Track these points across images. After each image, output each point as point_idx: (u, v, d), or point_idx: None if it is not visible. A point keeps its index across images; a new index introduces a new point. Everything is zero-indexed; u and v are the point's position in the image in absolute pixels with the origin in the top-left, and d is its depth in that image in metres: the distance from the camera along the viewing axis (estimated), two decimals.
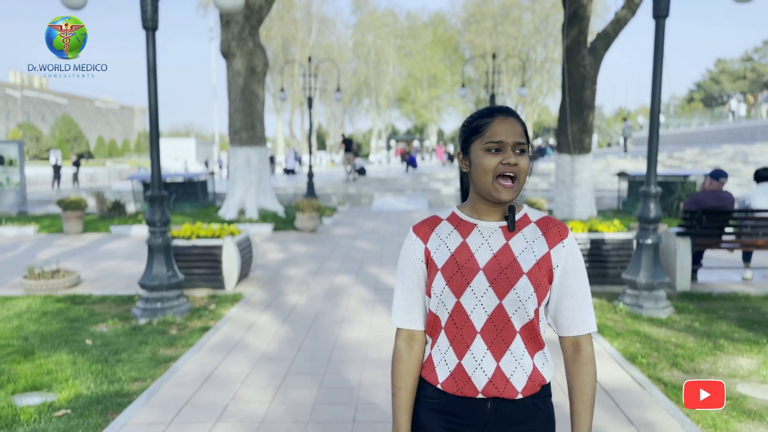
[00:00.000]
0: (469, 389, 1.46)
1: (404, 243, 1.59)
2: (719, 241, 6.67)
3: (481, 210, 1.52)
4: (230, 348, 4.85)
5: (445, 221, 1.56)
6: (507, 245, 1.47)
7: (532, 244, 1.48)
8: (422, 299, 1.55)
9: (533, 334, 1.48)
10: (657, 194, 5.69)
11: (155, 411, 3.68)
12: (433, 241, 1.53)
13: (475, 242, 1.49)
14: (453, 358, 1.48)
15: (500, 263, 1.46)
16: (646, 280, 5.67)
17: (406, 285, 1.56)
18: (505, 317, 1.45)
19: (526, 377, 1.47)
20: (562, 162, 12.60)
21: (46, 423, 3.57)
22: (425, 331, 1.56)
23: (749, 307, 5.98)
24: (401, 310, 1.56)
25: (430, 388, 1.52)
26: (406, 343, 1.56)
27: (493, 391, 1.45)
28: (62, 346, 4.94)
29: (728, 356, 4.60)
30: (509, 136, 1.45)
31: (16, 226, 12.04)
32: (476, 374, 1.46)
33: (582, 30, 11.63)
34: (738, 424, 3.48)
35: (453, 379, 1.48)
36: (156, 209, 5.85)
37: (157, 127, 5.92)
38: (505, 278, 1.44)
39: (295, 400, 3.83)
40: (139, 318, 5.68)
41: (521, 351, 1.47)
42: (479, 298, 1.45)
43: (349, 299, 6.45)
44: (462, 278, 1.46)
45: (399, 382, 1.54)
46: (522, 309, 1.44)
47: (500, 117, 1.48)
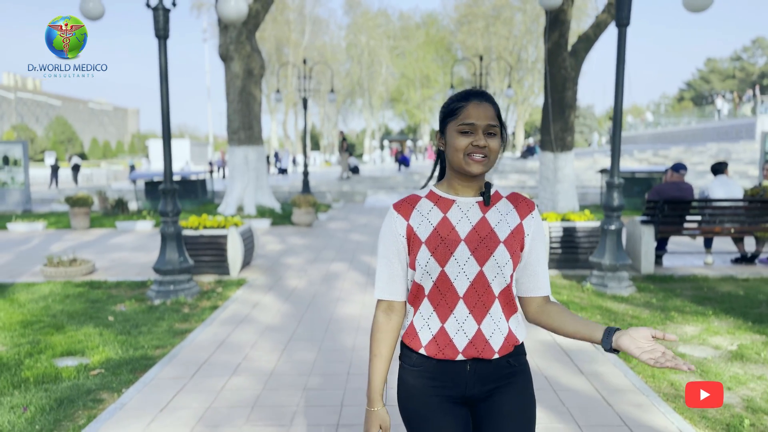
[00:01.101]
0: (450, 351, 1.59)
1: (385, 220, 1.68)
2: (680, 228, 7.34)
3: (458, 187, 1.64)
4: (239, 321, 5.47)
5: (425, 198, 1.66)
6: (484, 218, 1.61)
7: (506, 216, 1.63)
8: (402, 272, 1.66)
9: (509, 298, 1.63)
10: (620, 185, 6.35)
11: (178, 368, 4.29)
12: (414, 218, 1.63)
13: (455, 216, 1.61)
14: (436, 323, 1.60)
15: (479, 234, 1.59)
16: (610, 262, 6.32)
17: (388, 259, 1.66)
18: (485, 283, 1.58)
19: (502, 338, 1.61)
20: (545, 159, 13.24)
21: (84, 379, 4.17)
22: (405, 302, 1.69)
23: (705, 287, 6.64)
24: (383, 283, 1.67)
25: (414, 356, 1.64)
26: (385, 314, 1.67)
27: (473, 352, 1.59)
28: (87, 322, 5.54)
29: (676, 325, 5.25)
30: (481, 119, 1.56)
31: (26, 223, 12.59)
32: (458, 336, 1.59)
33: (563, 34, 12.28)
34: (673, 375, 4.13)
35: (435, 342, 1.60)
36: (168, 201, 6.45)
37: (169, 128, 6.51)
38: (485, 247, 1.58)
39: (297, 359, 4.45)
40: (154, 299, 6.28)
41: (499, 314, 1.61)
42: (462, 266, 1.57)
43: (343, 282, 7.08)
44: (446, 249, 1.58)
45: (376, 350, 1.67)
46: (500, 275, 1.58)
47: (474, 101, 1.58)
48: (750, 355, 4.49)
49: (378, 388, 1.66)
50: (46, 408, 3.68)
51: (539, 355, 4.46)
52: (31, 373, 4.25)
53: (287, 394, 3.81)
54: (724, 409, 3.59)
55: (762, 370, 4.21)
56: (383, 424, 1.65)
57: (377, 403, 1.66)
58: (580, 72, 12.90)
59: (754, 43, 73.88)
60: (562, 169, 12.98)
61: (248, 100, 14.13)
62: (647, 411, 3.54)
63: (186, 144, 64.15)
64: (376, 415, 1.65)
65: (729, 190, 7.60)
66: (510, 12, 44.78)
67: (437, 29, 52.75)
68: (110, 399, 3.84)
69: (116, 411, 3.61)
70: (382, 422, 1.65)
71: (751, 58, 75.09)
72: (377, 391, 1.66)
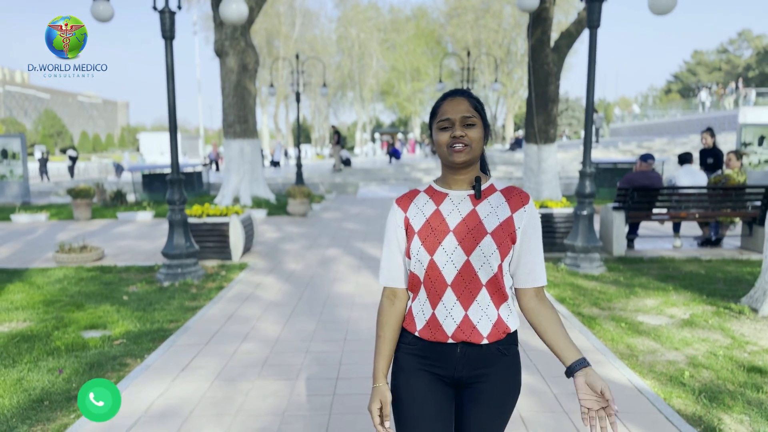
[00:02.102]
0: (440, 335, 1.69)
1: (389, 213, 1.82)
2: (649, 213, 7.93)
3: (451, 181, 1.74)
4: (244, 299, 6.00)
5: (423, 193, 1.79)
6: (474, 210, 1.69)
7: (497, 209, 1.70)
8: (403, 261, 1.78)
9: (498, 287, 1.69)
10: (591, 174, 6.91)
11: (193, 337, 4.82)
12: (411, 210, 1.76)
13: (446, 209, 1.72)
14: (428, 309, 1.71)
15: (468, 225, 1.68)
16: (582, 244, 6.90)
17: (390, 249, 1.79)
18: (472, 271, 1.66)
19: (491, 324, 1.69)
20: (529, 151, 13.82)
21: (109, 348, 4.69)
22: (407, 289, 1.80)
23: (670, 267, 7.24)
24: (386, 271, 1.80)
25: (410, 336, 1.76)
26: (389, 300, 1.80)
27: (461, 335, 1.68)
28: (104, 301, 6.05)
29: (638, 299, 5.84)
30: (455, 113, 1.66)
31: (29, 214, 13.01)
32: (446, 321, 1.68)
33: (545, 30, 12.84)
34: (630, 339, 4.71)
35: (428, 326, 1.71)
36: (175, 190, 6.95)
37: (175, 123, 7.00)
38: (472, 238, 1.66)
39: (299, 329, 5.00)
40: (163, 281, 6.79)
41: (487, 302, 1.68)
42: (449, 255, 1.67)
43: (338, 266, 7.62)
44: (434, 239, 1.68)
45: (380, 332, 1.79)
46: (487, 264, 1.66)
47: (449, 98, 1.69)
48: (699, 322, 5.08)
49: (381, 367, 1.78)
50: (78, 370, 4.20)
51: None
52: (61, 342, 4.77)
53: (292, 356, 4.36)
54: (670, 365, 4.18)
55: (707, 334, 4.80)
56: (383, 400, 1.76)
57: (380, 380, 1.77)
58: (562, 67, 13.48)
59: (740, 35, 74.71)
60: (545, 160, 13.56)
61: (243, 94, 14.58)
62: (603, 366, 4.12)
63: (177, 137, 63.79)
64: (378, 391, 1.77)
65: (694, 178, 8.20)
66: (499, 5, 45.19)
67: (427, 22, 53.06)
68: (134, 363, 4.37)
69: (142, 371, 4.14)
70: (383, 397, 1.76)
71: (737, 51, 75.88)
72: (380, 369, 1.78)
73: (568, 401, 3.57)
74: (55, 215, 13.47)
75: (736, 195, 7.83)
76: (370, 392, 2.06)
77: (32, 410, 3.60)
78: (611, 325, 5.03)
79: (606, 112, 73.12)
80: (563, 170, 21.67)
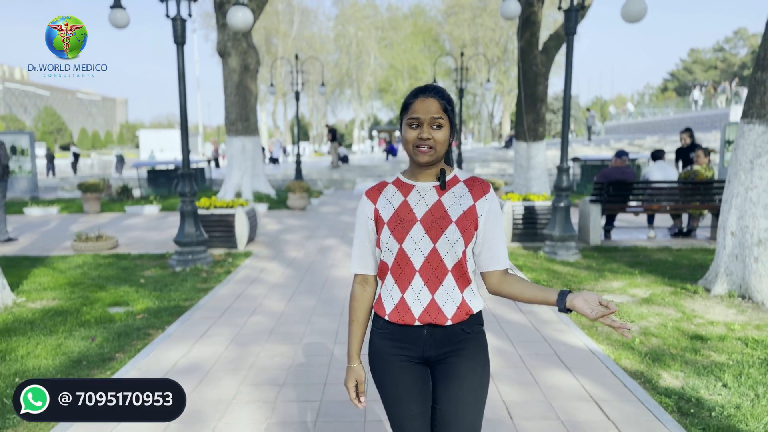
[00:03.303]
0: (408, 318, 1.80)
1: (358, 205, 1.91)
2: (624, 206, 8.56)
3: (417, 173, 1.84)
4: (251, 281, 6.62)
5: (391, 184, 1.88)
6: (439, 201, 1.79)
7: (460, 198, 1.80)
8: (372, 250, 1.89)
9: (462, 272, 1.80)
10: (567, 169, 7.54)
11: (207, 312, 5.44)
12: (380, 202, 1.85)
13: (413, 199, 1.81)
14: (397, 293, 1.81)
15: (433, 215, 1.78)
16: (559, 233, 7.53)
17: (360, 238, 1.89)
18: (438, 258, 1.77)
19: (455, 307, 1.79)
20: (519, 149, 14.45)
21: (132, 321, 5.30)
22: (376, 276, 1.92)
23: (641, 255, 7.87)
24: (357, 259, 1.91)
25: (380, 321, 1.87)
26: (360, 286, 1.93)
27: (428, 318, 1.79)
28: (123, 283, 6.66)
29: (606, 281, 6.48)
30: (425, 114, 1.72)
31: (41, 208, 13.61)
32: (414, 305, 1.79)
33: (534, 33, 13.45)
34: None
35: (396, 310, 1.81)
36: (186, 183, 7.56)
37: (186, 123, 7.59)
38: (438, 226, 1.76)
39: (301, 305, 5.62)
40: (175, 266, 7.40)
41: (452, 286, 1.79)
42: (417, 243, 1.77)
43: (335, 254, 8.24)
44: (403, 228, 1.78)
45: (353, 316, 1.93)
46: (452, 251, 1.77)
47: (421, 97, 1.74)
48: (657, 300, 5.71)
49: (355, 348, 1.93)
50: (108, 338, 4.81)
51: (489, 300, 5.65)
52: (90, 316, 5.38)
53: (295, 326, 4.99)
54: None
55: (662, 310, 5.44)
56: (359, 378, 1.93)
57: (354, 360, 1.93)
58: (551, 68, 14.10)
59: (736, 33, 75.22)
60: (534, 157, 14.18)
61: (245, 93, 15.17)
62: (565, 333, 4.75)
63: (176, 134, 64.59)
64: (353, 371, 1.93)
65: (666, 173, 8.84)
66: (496, 3, 45.60)
67: (425, 20, 53.45)
68: (156, 333, 4.98)
69: (164, 339, 4.76)
70: (358, 376, 1.93)
71: (733, 49, 76.34)
72: (354, 350, 1.93)
73: (530, 359, 4.20)
74: (65, 209, 14.06)
75: (704, 189, 8.46)
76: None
77: (73, 368, 4.22)
78: None
79: (602, 110, 73.74)
80: (554, 167, 22.26)
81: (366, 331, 1.94)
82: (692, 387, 3.76)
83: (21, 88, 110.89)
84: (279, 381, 3.86)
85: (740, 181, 5.64)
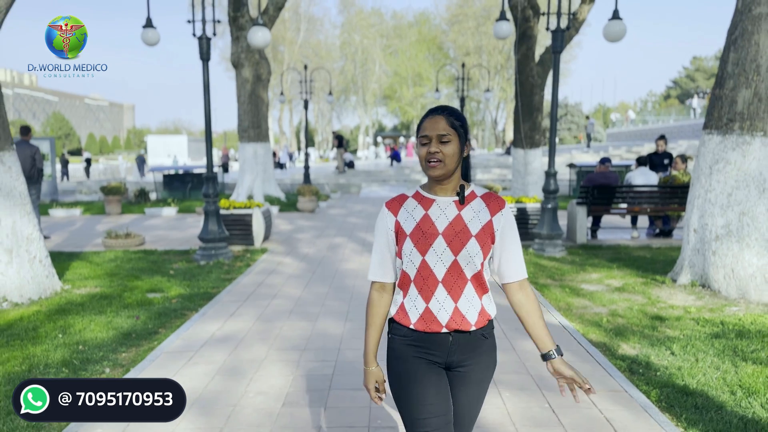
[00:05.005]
0: (435, 326, 1.88)
1: (378, 216, 1.98)
2: (608, 208, 9.34)
3: (436, 188, 1.91)
4: (269, 273, 7.43)
5: (411, 198, 1.95)
6: (459, 215, 1.87)
7: (478, 213, 1.89)
8: (391, 259, 1.96)
9: (480, 281, 1.90)
10: (555, 173, 8.32)
11: (234, 297, 6.25)
12: (402, 214, 1.92)
13: (434, 213, 1.88)
14: (422, 304, 1.88)
15: (454, 229, 1.86)
16: (547, 232, 8.32)
17: (380, 248, 1.97)
18: (459, 269, 1.86)
19: (477, 313, 1.89)
20: (517, 155, 15.26)
21: (168, 304, 6.10)
22: (394, 284, 1.99)
23: (622, 252, 8.64)
24: (375, 267, 1.99)
25: (404, 329, 1.93)
26: (378, 293, 2.00)
27: (454, 324, 1.87)
28: (155, 274, 7.47)
29: (586, 273, 7.26)
30: (433, 131, 1.83)
31: (64, 209, 14.47)
32: (440, 313, 1.87)
33: (530, 47, 14.28)
34: (570, 299, 6.12)
35: (422, 319, 1.88)
36: (210, 185, 8.38)
37: (210, 131, 8.41)
38: (459, 240, 1.84)
39: (316, 292, 6.43)
40: (200, 260, 8.21)
41: (472, 294, 1.89)
42: (439, 256, 1.85)
43: (344, 250, 9.05)
44: (426, 241, 1.85)
45: (370, 320, 2.00)
46: (471, 263, 1.86)
47: (430, 117, 1.86)
48: (628, 288, 6.49)
49: (373, 351, 1.99)
50: (151, 317, 5.61)
51: None
52: (131, 300, 6.19)
53: (311, 307, 5.80)
54: (595, 315, 5.58)
55: (631, 296, 6.21)
56: (378, 380, 2.01)
57: (372, 363, 2.00)
58: (546, 79, 14.92)
59: None
60: (531, 163, 14.99)
61: (257, 102, 16.05)
62: (544, 314, 5.52)
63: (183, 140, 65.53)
64: (372, 374, 2.00)
65: (647, 178, 9.62)
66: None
67: (429, 28, 54.22)
68: (191, 313, 5.78)
69: (200, 317, 5.56)
70: (378, 378, 2.01)
71: None
72: (372, 353, 1.99)
73: (510, 332, 4.98)
74: (88, 210, 14.92)
75: (681, 192, 9.21)
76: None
77: (124, 339, 5.02)
78: (558, 290, 6.45)
79: (604, 117, 74.46)
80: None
81: (381, 336, 2.02)
82: (645, 354, 4.54)
83: (30, 93, 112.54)
84: (301, 347, 4.66)
85: (701, 185, 6.42)
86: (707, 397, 3.74)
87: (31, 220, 6.31)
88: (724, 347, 4.60)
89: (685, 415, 3.50)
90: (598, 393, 3.77)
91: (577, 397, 1.91)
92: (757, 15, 6.04)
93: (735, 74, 6.19)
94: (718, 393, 3.80)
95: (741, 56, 6.15)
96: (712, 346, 4.64)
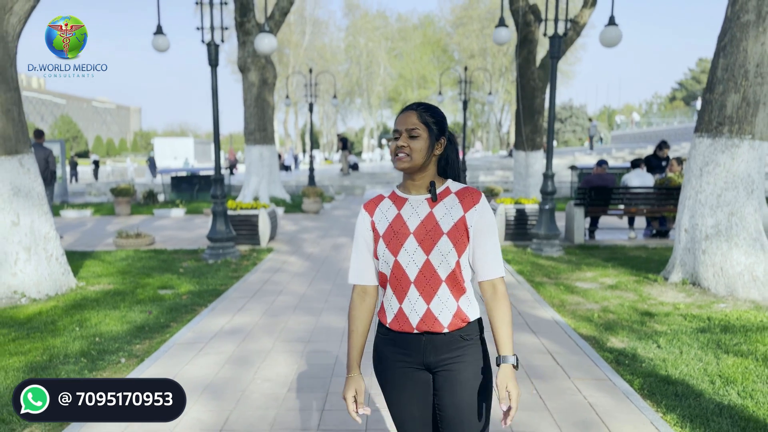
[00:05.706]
0: (407, 326, 1.87)
1: (357, 218, 1.97)
2: (605, 209, 9.57)
3: (410, 186, 1.90)
4: (275, 271, 7.70)
5: (387, 198, 1.95)
6: (431, 213, 1.85)
7: (451, 210, 1.85)
8: (371, 261, 1.94)
9: (456, 282, 1.85)
10: (552, 175, 8.56)
11: (241, 293, 6.52)
12: (377, 215, 1.92)
13: (407, 213, 1.87)
14: (396, 304, 1.89)
15: (426, 227, 1.84)
16: (545, 232, 8.56)
17: (359, 250, 1.95)
18: (432, 269, 1.83)
19: (451, 315, 1.85)
20: (518, 157, 15.50)
21: (179, 300, 6.38)
22: (377, 286, 1.96)
23: (618, 252, 8.87)
24: (355, 270, 1.97)
25: (383, 327, 1.95)
26: (359, 296, 1.97)
27: (424, 326, 1.85)
28: (166, 272, 7.75)
29: (581, 272, 7.49)
30: (402, 125, 1.84)
31: (75, 210, 14.81)
32: (411, 315, 1.86)
33: (531, 51, 14.53)
34: (564, 296, 6.36)
35: (396, 319, 1.89)
36: (218, 187, 8.66)
37: (218, 134, 8.70)
38: (430, 239, 1.82)
39: (320, 288, 6.69)
40: (208, 259, 8.49)
41: (447, 296, 1.85)
42: (411, 256, 1.83)
43: (348, 250, 9.31)
44: (397, 241, 1.84)
45: (352, 326, 1.97)
46: (445, 262, 1.82)
47: (403, 112, 1.87)
48: (621, 286, 6.72)
49: (355, 358, 1.95)
50: (162, 312, 5.89)
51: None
52: (143, 296, 6.47)
53: (316, 303, 6.06)
54: (587, 311, 5.82)
55: (623, 293, 6.44)
56: (358, 389, 1.94)
57: (354, 371, 1.95)
58: (548, 82, 15.15)
59: None
60: (532, 165, 15.22)
61: (263, 105, 16.34)
62: (537, 309, 5.78)
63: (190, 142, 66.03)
64: (352, 381, 1.95)
65: (643, 180, 9.84)
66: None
67: (434, 31, 54.41)
68: (201, 308, 6.05)
69: (209, 311, 5.83)
70: (357, 386, 1.94)
71: None
72: (354, 360, 1.95)
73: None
74: (98, 211, 15.25)
75: (677, 194, 9.43)
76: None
77: (138, 332, 5.29)
78: (553, 288, 6.69)
79: (609, 119, 74.55)
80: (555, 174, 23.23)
81: (366, 341, 1.99)
82: (632, 347, 4.78)
83: (38, 96, 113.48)
84: (305, 339, 4.92)
85: (692, 186, 6.65)
86: (687, 386, 3.98)
87: (48, 220, 6.60)
88: (709, 341, 4.84)
89: (665, 402, 3.74)
90: (583, 380, 4.03)
91: (505, 421, 1.79)
92: (745, 22, 6.27)
93: (724, 79, 6.42)
94: (698, 382, 4.04)
95: (730, 62, 6.38)
96: (697, 339, 4.87)
